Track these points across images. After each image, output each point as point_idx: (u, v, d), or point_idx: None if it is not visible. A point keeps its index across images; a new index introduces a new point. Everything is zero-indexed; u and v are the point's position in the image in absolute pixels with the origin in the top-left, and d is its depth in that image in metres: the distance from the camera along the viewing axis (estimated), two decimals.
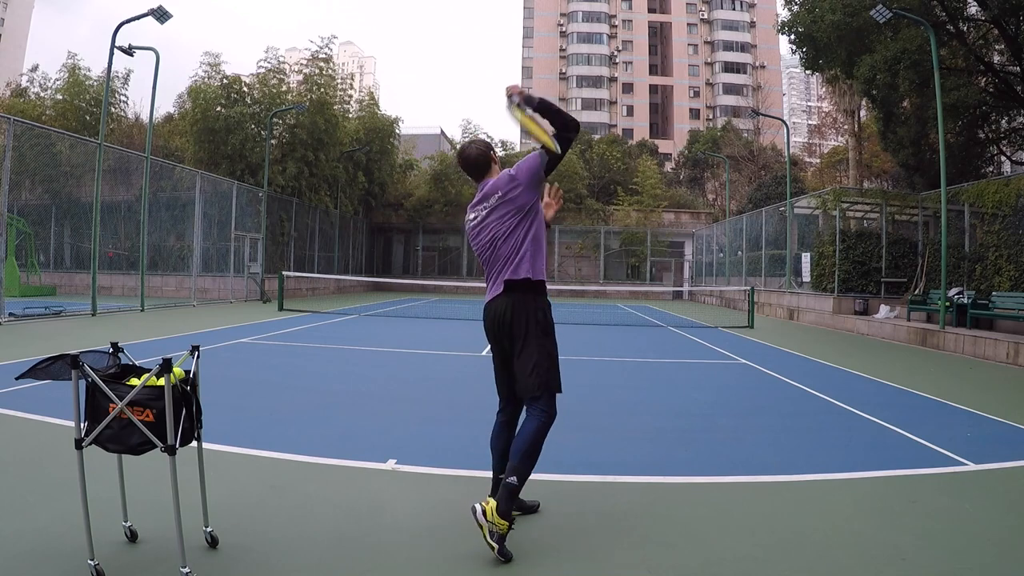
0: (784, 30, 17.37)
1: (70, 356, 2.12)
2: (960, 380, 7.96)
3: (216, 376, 5.98)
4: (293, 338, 9.98)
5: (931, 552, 2.69)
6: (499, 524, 2.48)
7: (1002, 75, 15.99)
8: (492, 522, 2.48)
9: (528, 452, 2.62)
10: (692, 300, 29.99)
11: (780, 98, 69.95)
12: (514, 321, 2.73)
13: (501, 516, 2.49)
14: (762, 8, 65.61)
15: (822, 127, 43.29)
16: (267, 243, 20.91)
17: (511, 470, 2.59)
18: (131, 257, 19.54)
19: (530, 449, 2.63)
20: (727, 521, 2.98)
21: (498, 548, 2.47)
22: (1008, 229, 12.38)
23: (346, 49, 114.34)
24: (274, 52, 25.16)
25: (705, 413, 5.45)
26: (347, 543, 2.61)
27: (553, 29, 68.55)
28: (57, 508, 2.78)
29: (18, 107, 24.86)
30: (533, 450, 2.64)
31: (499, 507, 2.51)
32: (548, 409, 2.72)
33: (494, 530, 2.48)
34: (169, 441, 2.12)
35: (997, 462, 4.07)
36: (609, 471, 3.65)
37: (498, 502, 2.52)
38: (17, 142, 12.73)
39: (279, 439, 4.07)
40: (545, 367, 2.72)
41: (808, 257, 17.66)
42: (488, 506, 2.51)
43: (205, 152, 22.76)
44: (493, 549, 2.47)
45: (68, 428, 3.01)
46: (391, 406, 5.36)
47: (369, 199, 31.45)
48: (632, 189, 33.66)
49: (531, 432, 2.65)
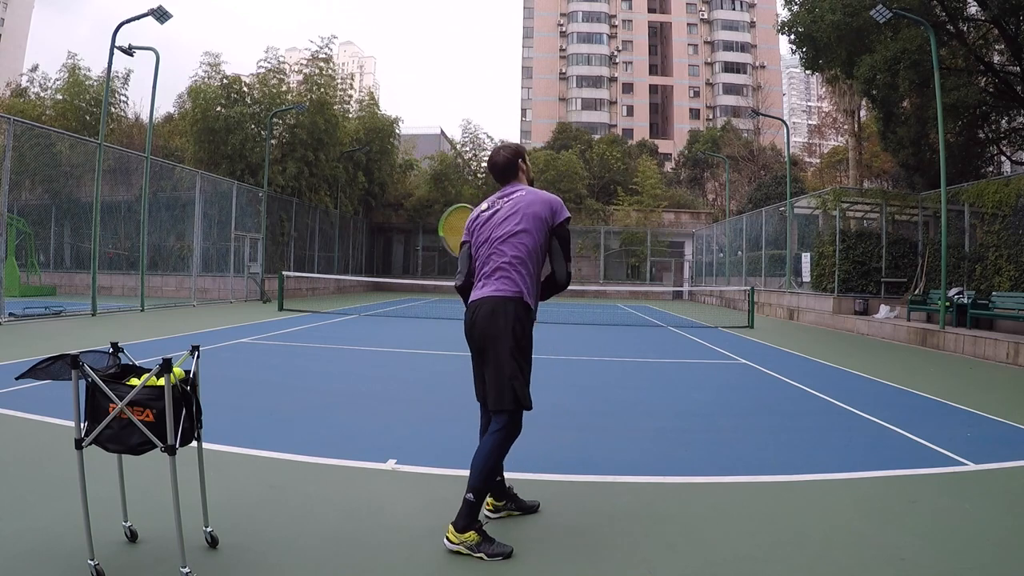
0: (784, 30, 17.37)
1: (70, 356, 2.12)
2: (960, 380, 7.96)
3: (216, 376, 5.98)
4: (293, 338, 9.98)
5: (931, 552, 2.68)
6: (466, 538, 2.48)
7: (1002, 75, 15.99)
8: (461, 542, 2.48)
9: (484, 469, 2.54)
10: (692, 300, 29.99)
11: (780, 98, 69.96)
12: (491, 326, 2.62)
13: (462, 531, 2.49)
14: (762, 8, 65.62)
15: (822, 127, 43.28)
16: (267, 243, 20.91)
17: (468, 486, 2.54)
18: (131, 257, 19.54)
19: (486, 466, 2.54)
20: (727, 521, 2.97)
21: (487, 553, 2.47)
22: (1008, 229, 12.38)
23: (346, 49, 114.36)
24: (274, 52, 25.19)
25: (705, 413, 5.45)
26: (347, 543, 2.61)
27: (553, 29, 68.54)
28: (57, 508, 2.78)
29: (18, 107, 24.86)
30: (489, 467, 2.55)
31: (457, 524, 2.51)
32: (510, 425, 2.61)
33: (469, 545, 2.48)
34: (169, 441, 2.12)
35: (997, 462, 4.06)
36: (609, 471, 3.64)
37: (456, 520, 2.52)
38: (17, 142, 12.73)
39: (279, 439, 4.07)
40: (514, 381, 2.59)
41: (808, 257, 17.66)
42: (449, 533, 2.52)
43: (205, 152, 22.75)
44: (485, 558, 2.46)
45: (68, 428, 3.01)
46: (391, 406, 5.36)
47: (369, 199, 31.44)
48: (632, 189, 33.66)
49: (489, 448, 2.57)
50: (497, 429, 2.60)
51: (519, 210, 2.68)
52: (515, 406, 2.60)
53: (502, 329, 2.59)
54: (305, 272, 22.87)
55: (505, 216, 2.69)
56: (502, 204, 2.74)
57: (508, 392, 2.57)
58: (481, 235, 2.75)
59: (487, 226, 2.74)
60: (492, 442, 2.58)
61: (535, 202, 2.69)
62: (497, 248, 2.67)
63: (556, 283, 2.73)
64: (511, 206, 2.71)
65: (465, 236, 2.85)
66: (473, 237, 2.80)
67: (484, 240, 2.73)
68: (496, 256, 2.67)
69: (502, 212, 2.72)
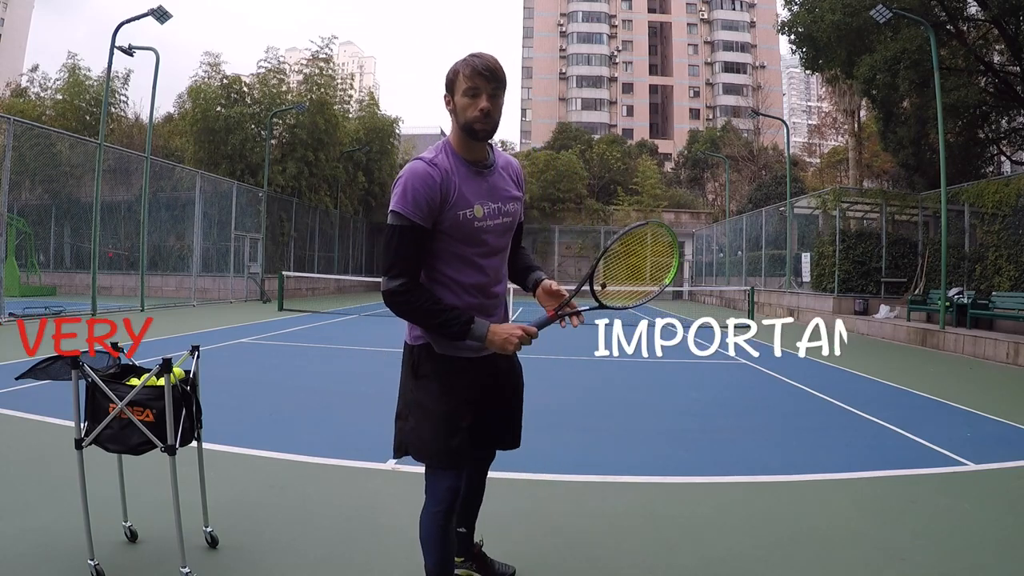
0: (784, 30, 17.39)
1: (70, 356, 2.12)
2: (960, 380, 7.96)
3: (216, 376, 5.97)
4: (293, 338, 9.98)
5: (931, 552, 2.68)
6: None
7: (1002, 75, 15.99)
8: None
9: (422, 542, 1.92)
10: (692, 300, 29.98)
11: (780, 98, 69.91)
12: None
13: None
14: (762, 8, 65.59)
15: (822, 127, 43.28)
16: (267, 243, 20.91)
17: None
18: (131, 257, 19.54)
19: (421, 539, 1.92)
20: (727, 521, 2.97)
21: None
22: (1008, 229, 12.37)
23: (346, 49, 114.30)
24: (274, 52, 25.24)
25: (705, 413, 5.45)
26: (347, 543, 2.61)
27: (553, 29, 68.51)
28: (57, 508, 2.77)
29: (18, 107, 24.85)
30: (423, 540, 1.91)
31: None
32: (425, 485, 1.90)
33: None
34: (169, 441, 2.12)
35: (997, 462, 4.07)
36: (609, 471, 3.64)
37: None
38: (17, 142, 12.73)
39: (279, 439, 4.07)
40: (404, 421, 1.92)
41: (808, 257, 17.66)
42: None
43: (205, 152, 22.76)
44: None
45: (68, 428, 3.01)
46: (391, 406, 5.32)
47: (369, 199, 31.43)
48: (632, 189, 33.68)
49: (421, 519, 1.92)
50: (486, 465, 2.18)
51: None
52: (427, 464, 1.92)
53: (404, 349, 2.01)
54: (305, 272, 22.87)
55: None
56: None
57: (407, 438, 1.93)
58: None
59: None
60: (422, 514, 1.94)
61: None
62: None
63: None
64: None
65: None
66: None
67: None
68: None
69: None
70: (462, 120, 1.78)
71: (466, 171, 1.82)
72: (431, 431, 1.85)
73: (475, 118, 1.76)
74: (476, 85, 1.75)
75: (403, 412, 1.94)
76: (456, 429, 1.84)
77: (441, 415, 1.84)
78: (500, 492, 3.14)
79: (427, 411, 1.86)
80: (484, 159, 1.88)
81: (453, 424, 1.84)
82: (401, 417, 1.95)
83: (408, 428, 1.91)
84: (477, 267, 1.87)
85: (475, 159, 1.85)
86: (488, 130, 1.79)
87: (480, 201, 1.83)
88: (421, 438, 1.87)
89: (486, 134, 1.80)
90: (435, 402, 1.85)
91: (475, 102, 1.75)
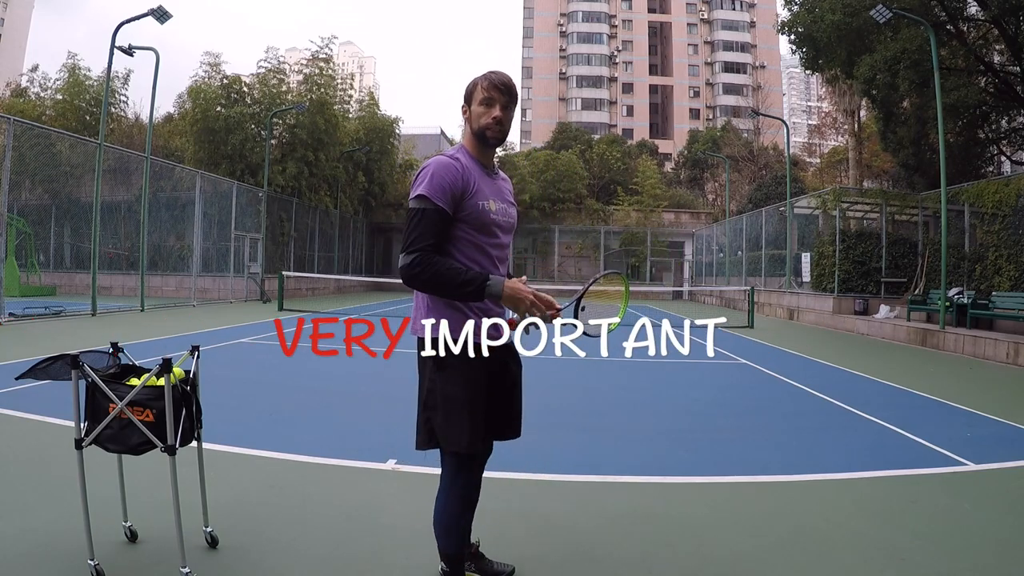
0: (784, 30, 17.38)
1: (70, 356, 2.12)
2: (960, 380, 7.96)
3: (216, 376, 5.97)
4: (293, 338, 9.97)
5: (931, 552, 2.69)
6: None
7: (1002, 75, 15.99)
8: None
9: (441, 528, 2.06)
10: (692, 300, 29.98)
11: (780, 98, 69.92)
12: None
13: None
14: (762, 8, 65.60)
15: (822, 127, 43.27)
16: (267, 243, 20.91)
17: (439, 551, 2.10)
18: (131, 257, 19.54)
19: (440, 525, 2.06)
20: (727, 521, 2.97)
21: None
22: (1008, 229, 12.38)
23: (346, 49, 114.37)
24: (274, 52, 25.22)
25: (705, 413, 5.45)
26: (347, 543, 2.61)
27: (553, 29, 68.52)
28: (57, 508, 2.77)
29: (18, 107, 24.85)
30: (444, 527, 2.05)
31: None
32: (449, 475, 2.04)
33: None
34: (169, 441, 2.12)
35: (997, 462, 4.07)
36: (609, 471, 3.64)
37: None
38: (17, 142, 12.72)
39: (279, 439, 4.07)
40: (434, 412, 1.99)
41: (808, 257, 17.66)
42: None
43: (205, 152, 22.76)
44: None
45: (68, 428, 3.01)
46: (391, 406, 5.35)
47: (369, 199, 31.43)
48: (632, 189, 33.66)
49: (438, 506, 2.07)
50: (441, 480, 2.17)
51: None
52: (450, 449, 2.05)
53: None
54: (305, 272, 22.86)
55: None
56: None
57: (429, 426, 2.04)
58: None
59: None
60: (439, 500, 2.10)
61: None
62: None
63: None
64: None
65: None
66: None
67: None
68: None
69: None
70: (476, 126, 2.02)
71: (480, 171, 2.03)
72: (462, 419, 1.95)
73: (488, 125, 1.99)
74: (491, 96, 1.99)
75: (430, 403, 2.00)
76: (481, 415, 1.98)
77: (469, 403, 1.95)
78: (500, 492, 3.15)
79: (457, 401, 1.95)
80: (492, 165, 2.12)
81: (478, 411, 1.97)
82: (429, 408, 2.00)
83: (439, 420, 1.97)
84: (489, 257, 2.03)
85: (486, 163, 2.08)
86: (498, 137, 2.02)
87: (493, 197, 2.03)
88: (454, 427, 1.95)
89: (496, 141, 2.03)
90: (463, 391, 1.95)
91: (489, 111, 1.99)
